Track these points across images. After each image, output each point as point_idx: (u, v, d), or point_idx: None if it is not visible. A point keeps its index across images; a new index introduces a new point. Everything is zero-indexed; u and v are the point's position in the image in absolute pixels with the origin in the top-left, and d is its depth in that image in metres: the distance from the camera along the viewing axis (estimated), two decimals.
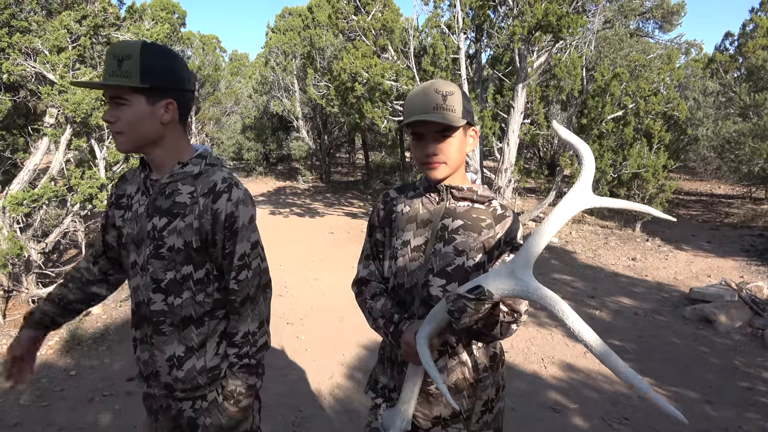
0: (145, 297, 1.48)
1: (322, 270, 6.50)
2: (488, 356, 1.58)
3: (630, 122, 8.28)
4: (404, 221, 1.58)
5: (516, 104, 8.03)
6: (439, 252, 1.50)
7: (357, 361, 4.03)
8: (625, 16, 12.82)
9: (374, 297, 1.62)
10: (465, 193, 1.52)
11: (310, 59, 11.27)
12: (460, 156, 1.50)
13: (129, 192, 1.54)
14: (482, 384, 1.56)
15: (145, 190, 1.48)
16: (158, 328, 1.47)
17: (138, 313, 1.52)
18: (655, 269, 6.65)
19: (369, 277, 1.66)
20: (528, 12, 7.13)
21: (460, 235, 1.50)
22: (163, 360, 1.49)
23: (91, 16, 4.55)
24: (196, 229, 1.42)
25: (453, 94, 1.44)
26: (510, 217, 1.52)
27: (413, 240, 1.55)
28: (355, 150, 18.87)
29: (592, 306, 5.27)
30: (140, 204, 1.48)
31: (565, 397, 3.50)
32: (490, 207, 1.53)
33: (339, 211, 11.06)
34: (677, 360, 4.07)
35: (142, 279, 1.47)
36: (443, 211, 1.53)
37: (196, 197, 1.42)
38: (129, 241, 1.49)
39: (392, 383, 1.62)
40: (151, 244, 1.44)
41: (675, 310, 5.12)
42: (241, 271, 1.46)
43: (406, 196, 1.62)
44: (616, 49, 10.32)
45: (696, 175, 14.73)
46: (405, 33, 8.28)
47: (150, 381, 1.55)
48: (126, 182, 1.58)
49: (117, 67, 1.32)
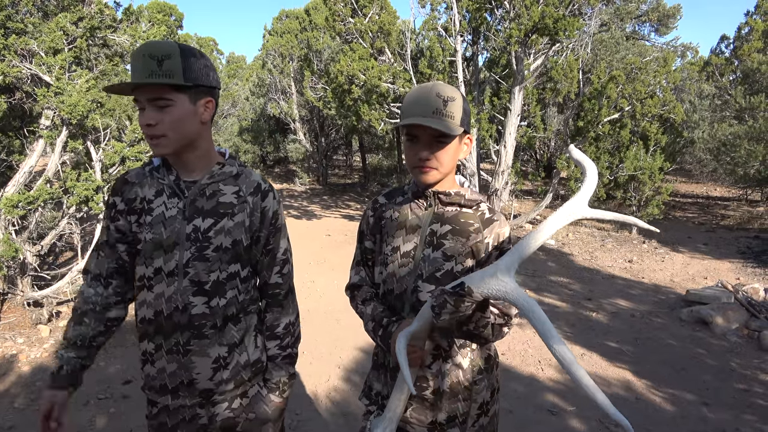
0: (180, 303, 1.42)
1: (319, 272, 6.49)
2: (483, 358, 1.58)
3: (626, 125, 8.30)
4: (393, 227, 1.57)
5: (513, 107, 8.04)
6: (428, 257, 1.50)
7: (354, 364, 4.02)
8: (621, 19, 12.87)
9: (365, 302, 1.62)
10: (452, 197, 1.51)
11: (307, 62, 11.27)
12: (453, 163, 1.50)
13: (144, 195, 1.44)
14: (477, 387, 1.55)
15: (179, 191, 1.43)
16: (200, 332, 1.45)
17: (164, 322, 1.44)
18: (651, 271, 6.66)
19: (360, 282, 1.67)
20: (524, 15, 7.15)
21: (449, 240, 1.49)
22: (207, 365, 1.47)
23: (87, 17, 4.54)
24: (248, 227, 1.48)
25: (454, 100, 1.42)
26: (498, 221, 1.52)
27: (402, 246, 1.54)
28: (352, 152, 18.88)
29: (589, 308, 5.27)
30: (169, 207, 1.42)
31: (563, 400, 3.49)
32: (478, 211, 1.52)
33: (336, 213, 11.05)
34: (674, 362, 4.07)
35: (174, 285, 1.42)
36: (432, 217, 1.52)
37: (244, 196, 1.48)
38: (152, 247, 1.42)
39: (385, 390, 1.61)
40: (192, 246, 1.41)
41: (672, 312, 5.13)
42: (285, 265, 1.58)
43: (394, 201, 1.62)
44: (612, 52, 10.36)
45: (692, 178, 14.78)
46: (402, 35, 8.29)
47: (179, 392, 1.48)
48: (134, 186, 1.46)
49: (157, 67, 1.29)
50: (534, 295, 5.62)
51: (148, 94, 1.32)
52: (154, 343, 1.46)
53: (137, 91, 1.33)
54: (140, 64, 1.29)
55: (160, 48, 1.31)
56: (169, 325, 1.44)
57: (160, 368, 1.47)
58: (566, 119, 9.81)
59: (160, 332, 1.45)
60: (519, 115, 8.19)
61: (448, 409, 1.53)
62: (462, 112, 1.43)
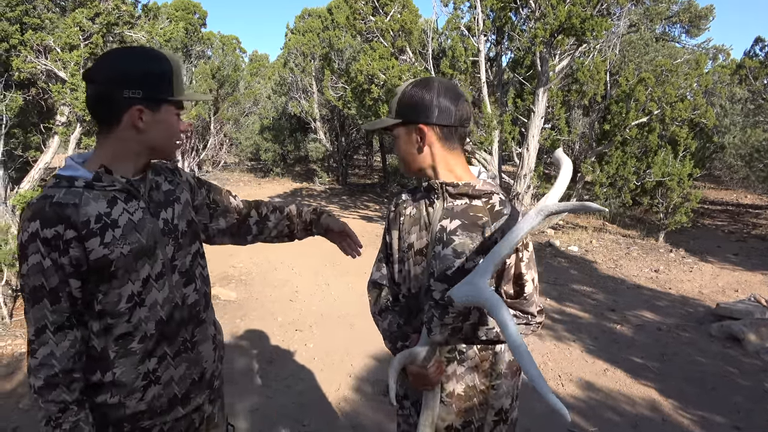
0: (178, 299, 1.41)
1: (334, 275, 6.38)
2: (504, 361, 1.49)
3: (655, 129, 8.02)
4: (409, 224, 1.53)
5: (536, 109, 7.84)
6: (439, 255, 1.43)
7: (366, 373, 3.89)
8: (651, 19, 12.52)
9: (381, 313, 1.61)
10: (461, 188, 1.43)
11: (327, 61, 11.18)
12: (408, 155, 1.46)
13: (96, 212, 1.26)
14: (495, 392, 1.47)
15: (136, 192, 1.34)
16: (198, 319, 1.48)
17: (165, 328, 1.37)
18: (679, 282, 6.41)
19: (380, 280, 1.65)
20: (550, 14, 6.94)
21: (459, 236, 1.41)
22: (210, 348, 1.51)
23: (104, 13, 4.49)
24: (187, 202, 1.51)
25: (397, 93, 1.44)
26: (507, 214, 1.41)
27: (416, 243, 1.50)
28: (373, 152, 18.76)
29: (612, 320, 5.06)
30: (132, 211, 1.32)
31: (584, 419, 3.31)
32: (488, 203, 1.43)
33: (354, 214, 10.94)
34: (702, 381, 3.85)
35: (166, 285, 1.38)
36: (441, 212, 1.45)
37: (174, 180, 1.50)
38: (132, 258, 1.30)
39: (402, 390, 1.62)
40: (170, 239, 1.40)
41: (700, 327, 4.89)
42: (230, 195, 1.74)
43: (414, 197, 1.57)
44: (641, 54, 10.06)
45: (721, 184, 14.32)
46: (424, 35, 8.14)
47: (190, 395, 1.45)
48: (77, 207, 1.23)
49: None
50: (555, 305, 5.43)
51: None
52: (156, 356, 1.36)
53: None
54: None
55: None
56: (173, 328, 1.40)
57: (167, 380, 1.39)
58: (592, 122, 9.55)
59: (164, 340, 1.38)
60: (543, 118, 7.98)
61: (464, 414, 1.47)
62: (397, 104, 1.43)
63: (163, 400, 1.38)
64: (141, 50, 1.38)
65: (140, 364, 1.34)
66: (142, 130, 1.31)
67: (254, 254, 7.18)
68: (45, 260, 1.21)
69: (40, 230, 1.20)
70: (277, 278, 6.19)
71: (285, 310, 5.14)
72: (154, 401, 1.37)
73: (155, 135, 1.34)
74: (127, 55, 1.33)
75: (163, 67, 1.32)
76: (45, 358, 1.22)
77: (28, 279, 1.22)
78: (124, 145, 1.32)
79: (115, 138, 1.31)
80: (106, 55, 1.34)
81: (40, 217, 1.21)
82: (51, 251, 1.21)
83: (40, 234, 1.20)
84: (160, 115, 1.32)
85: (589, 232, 8.91)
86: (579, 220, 9.89)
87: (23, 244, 1.22)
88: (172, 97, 1.34)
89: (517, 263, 1.41)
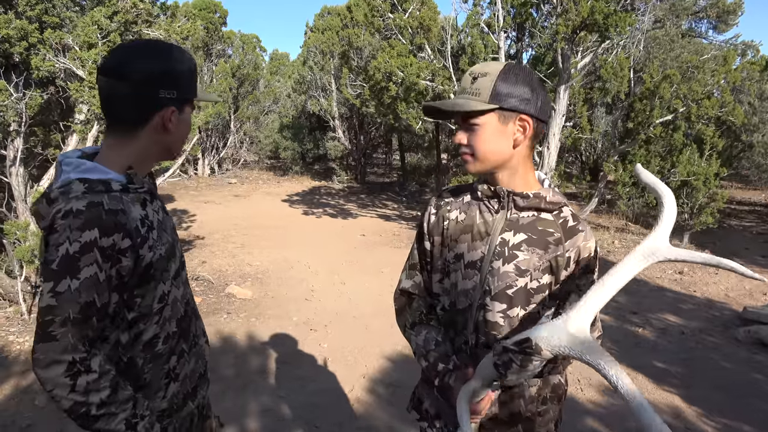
0: (189, 295, 1.43)
1: (350, 273, 6.34)
2: (549, 386, 1.38)
3: (680, 127, 7.82)
4: (458, 231, 1.36)
5: (557, 106, 7.69)
6: (498, 271, 1.28)
7: (380, 374, 3.84)
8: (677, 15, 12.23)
9: (415, 327, 1.43)
10: (531, 200, 1.28)
11: (345, 58, 11.15)
12: (495, 150, 1.26)
13: (138, 216, 1.21)
14: (541, 419, 1.36)
15: (154, 192, 1.33)
16: (195, 312, 1.47)
17: (183, 324, 1.38)
18: (704, 284, 6.23)
19: (412, 289, 1.46)
20: (572, 10, 6.80)
21: (523, 252, 1.28)
22: (205, 342, 1.51)
23: (122, 12, 4.50)
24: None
25: (485, 75, 1.23)
26: (583, 231, 1.30)
27: (467, 254, 1.33)
28: (392, 151, 18.70)
29: (635, 323, 4.93)
30: (156, 210, 1.31)
31: (604, 426, 3.22)
32: (559, 217, 1.30)
33: (372, 212, 10.90)
34: (729, 388, 3.72)
35: (182, 281, 1.39)
36: (503, 223, 1.30)
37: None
38: (166, 259, 1.28)
39: (433, 409, 1.45)
40: (173, 237, 1.38)
41: (726, 331, 4.74)
42: None
43: (461, 201, 1.39)
44: (666, 50, 9.82)
45: (749, 184, 13.96)
46: (443, 32, 8.05)
47: (199, 388, 1.45)
48: (125, 214, 1.17)
49: None
50: None
51: None
52: (176, 354, 1.34)
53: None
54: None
55: None
56: (188, 323, 1.40)
57: (183, 377, 1.38)
58: (615, 120, 9.36)
59: (182, 336, 1.37)
60: (564, 116, 7.83)
61: None
62: (493, 87, 1.21)
63: (180, 396, 1.36)
64: (168, 47, 1.26)
65: (165, 364, 1.32)
66: (171, 132, 1.25)
67: (271, 252, 7.19)
68: (101, 273, 1.11)
69: (98, 239, 1.09)
70: (293, 277, 6.17)
71: (300, 309, 5.11)
72: (174, 398, 1.35)
73: (178, 136, 1.29)
74: (158, 52, 1.22)
75: (191, 65, 1.27)
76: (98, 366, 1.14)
77: (79, 295, 1.08)
78: (150, 145, 1.25)
79: (142, 138, 1.23)
80: (132, 49, 1.22)
81: (98, 225, 1.09)
82: (106, 262, 1.11)
83: (98, 243, 1.09)
84: (184, 115, 1.28)
85: (612, 232, 8.73)
86: (601, 220, 9.70)
87: (73, 255, 1.07)
88: (196, 97, 1.29)
89: (588, 285, 1.32)
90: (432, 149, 14.80)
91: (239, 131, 16.11)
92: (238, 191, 12.94)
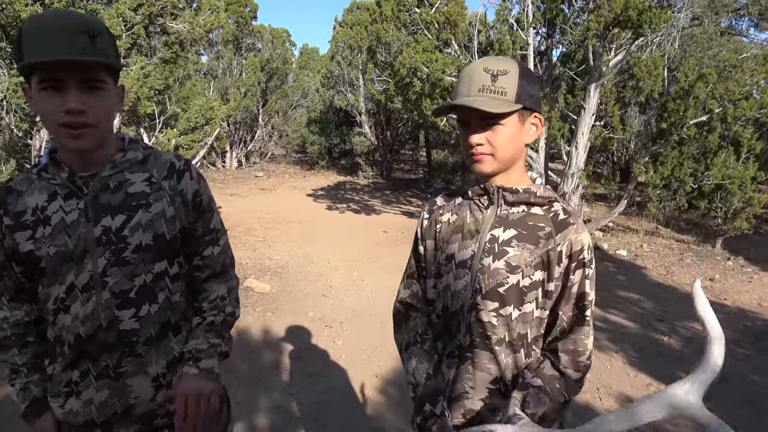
0: (104, 320, 1.22)
1: (370, 270, 6.30)
2: (571, 408, 1.36)
3: (715, 128, 7.53)
4: (449, 233, 1.34)
5: (587, 105, 7.49)
6: (488, 268, 1.25)
7: (393, 375, 3.78)
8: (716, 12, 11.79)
9: (409, 347, 1.40)
10: (520, 195, 1.26)
11: (371, 53, 11.10)
12: (513, 148, 1.24)
13: (35, 204, 1.20)
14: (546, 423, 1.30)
15: (77, 190, 1.20)
16: (133, 350, 1.25)
17: (87, 346, 1.24)
18: (736, 293, 5.99)
19: (410, 300, 1.44)
20: (605, 6, 6.60)
21: (514, 248, 1.24)
22: (147, 385, 1.28)
23: (146, 4, 4.53)
24: (171, 218, 1.26)
25: (506, 73, 1.19)
26: (574, 225, 1.25)
27: (458, 254, 1.30)
28: (419, 147, 18.60)
29: (660, 331, 4.76)
30: (68, 210, 1.19)
31: None
32: (550, 211, 1.27)
33: (396, 209, 10.85)
34: (758, 402, 3.55)
35: (93, 300, 1.22)
36: (493, 219, 1.27)
37: (158, 182, 1.26)
38: (58, 261, 1.20)
39: None
40: (106, 251, 1.20)
41: (757, 342, 4.54)
42: (217, 241, 1.38)
43: (453, 203, 1.38)
44: (703, 48, 9.49)
45: None
46: (470, 27, 7.92)
47: (114, 425, 1.28)
48: (21, 195, 1.21)
49: (90, 44, 1.07)
50: (599, 312, 5.17)
51: (84, 74, 1.09)
52: (80, 370, 1.26)
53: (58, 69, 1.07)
54: (67, 37, 1.06)
55: (91, 23, 1.11)
56: (95, 348, 1.23)
57: (87, 400, 1.26)
58: (648, 120, 9.09)
59: (86, 357, 1.25)
60: (593, 115, 7.62)
61: None
62: (518, 86, 1.19)
63: (80, 419, 1.27)
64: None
65: (65, 371, 1.28)
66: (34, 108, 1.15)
67: (292, 246, 7.20)
68: None
69: None
70: (312, 272, 6.16)
71: (317, 305, 5.10)
72: (70, 416, 1.28)
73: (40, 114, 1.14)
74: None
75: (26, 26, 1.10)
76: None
77: None
78: None
79: None
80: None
81: None
82: None
83: None
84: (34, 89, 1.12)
85: (641, 235, 8.49)
86: (630, 223, 9.45)
87: None
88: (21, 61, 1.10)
89: (582, 280, 1.26)
90: (458, 146, 14.66)
91: (267, 125, 16.23)
92: (264, 184, 13.03)
